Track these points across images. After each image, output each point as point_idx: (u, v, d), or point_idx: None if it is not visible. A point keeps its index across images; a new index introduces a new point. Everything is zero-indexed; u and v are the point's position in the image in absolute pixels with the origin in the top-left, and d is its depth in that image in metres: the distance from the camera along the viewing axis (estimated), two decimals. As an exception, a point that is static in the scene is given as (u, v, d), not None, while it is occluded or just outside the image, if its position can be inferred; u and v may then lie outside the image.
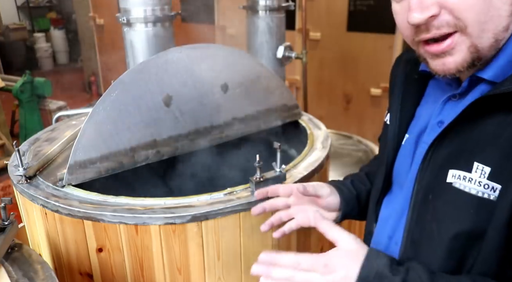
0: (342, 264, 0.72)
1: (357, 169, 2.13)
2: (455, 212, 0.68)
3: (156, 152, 1.27)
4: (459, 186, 0.67)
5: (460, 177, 0.67)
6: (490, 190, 0.64)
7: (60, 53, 8.26)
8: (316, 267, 0.73)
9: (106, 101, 1.16)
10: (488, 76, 0.67)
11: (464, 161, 0.67)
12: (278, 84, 1.52)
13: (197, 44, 1.30)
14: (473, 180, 0.65)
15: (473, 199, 0.66)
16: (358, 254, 0.72)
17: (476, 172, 0.65)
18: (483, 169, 0.64)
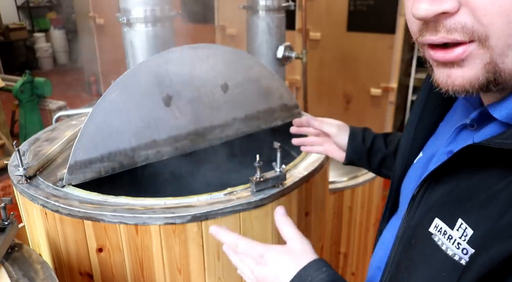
0: (279, 262, 0.70)
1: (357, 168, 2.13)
2: (427, 269, 0.58)
3: (156, 151, 1.27)
4: (438, 240, 0.56)
5: (441, 230, 0.55)
6: (465, 254, 0.52)
7: (60, 53, 8.26)
8: (252, 254, 0.73)
9: (106, 101, 1.16)
10: (500, 116, 0.53)
11: (450, 213, 0.55)
12: (278, 84, 1.52)
13: (197, 44, 1.30)
14: (452, 238, 0.53)
15: (447, 261, 0.54)
16: (300, 260, 0.69)
17: (458, 231, 0.53)
18: (465, 229, 0.52)
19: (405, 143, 0.79)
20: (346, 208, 2.08)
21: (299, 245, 0.72)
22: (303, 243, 0.72)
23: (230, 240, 0.77)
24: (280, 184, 1.15)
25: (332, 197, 2.01)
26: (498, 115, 0.53)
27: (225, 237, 0.78)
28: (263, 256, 0.72)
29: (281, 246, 0.73)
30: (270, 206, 1.12)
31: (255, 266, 0.73)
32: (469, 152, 0.52)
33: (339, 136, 1.11)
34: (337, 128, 1.12)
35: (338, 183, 2.03)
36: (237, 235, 0.77)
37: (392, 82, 3.28)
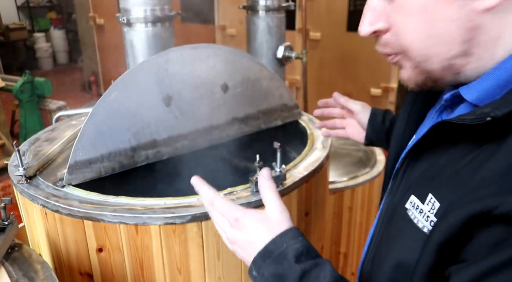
0: (254, 229, 0.69)
1: (357, 168, 2.13)
2: (402, 241, 0.62)
3: (156, 151, 1.27)
4: (411, 215, 0.61)
5: (415, 205, 0.61)
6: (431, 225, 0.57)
7: (60, 53, 8.27)
8: (227, 216, 0.72)
9: (106, 101, 1.16)
10: (470, 98, 0.59)
11: (423, 188, 0.60)
12: (278, 84, 1.52)
13: (197, 44, 1.30)
14: (423, 212, 0.59)
15: (417, 232, 0.59)
16: (275, 227, 0.69)
17: (427, 205, 0.58)
18: (434, 203, 0.57)
19: (398, 128, 0.83)
20: (346, 208, 2.08)
21: (277, 214, 0.71)
22: (282, 212, 0.71)
23: (207, 196, 0.75)
24: (280, 184, 1.15)
25: (332, 197, 2.01)
26: (468, 97, 0.59)
27: (204, 191, 0.77)
28: (238, 219, 0.71)
29: (258, 212, 0.72)
30: (270, 206, 1.12)
31: (229, 228, 0.73)
32: (440, 129, 0.58)
33: (362, 114, 1.18)
34: (361, 106, 1.19)
35: (338, 183, 2.03)
36: (215, 192, 0.76)
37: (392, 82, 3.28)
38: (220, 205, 0.74)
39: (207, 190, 0.77)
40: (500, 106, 0.50)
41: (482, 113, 0.51)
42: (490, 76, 0.56)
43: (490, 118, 0.50)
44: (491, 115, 0.50)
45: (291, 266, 0.64)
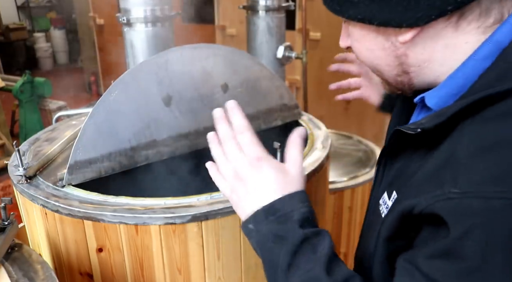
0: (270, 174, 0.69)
1: (357, 168, 2.13)
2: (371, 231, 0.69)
3: (156, 151, 1.27)
4: (381, 210, 0.67)
5: (384, 201, 0.67)
6: None
7: (60, 53, 8.26)
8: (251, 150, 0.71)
9: (106, 101, 1.16)
10: (430, 104, 0.66)
11: (393, 185, 0.66)
12: (278, 84, 1.52)
13: (197, 44, 1.30)
14: (389, 207, 0.65)
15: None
16: (290, 183, 0.70)
17: (391, 201, 0.65)
18: (396, 198, 0.64)
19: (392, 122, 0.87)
20: (346, 208, 2.08)
21: (297, 170, 0.72)
22: (301, 171, 0.73)
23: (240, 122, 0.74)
24: (280, 184, 1.15)
25: (332, 197, 2.01)
26: (429, 102, 0.66)
27: (237, 117, 0.75)
28: (261, 159, 0.70)
29: (281, 164, 0.72)
30: (270, 206, 1.12)
31: (246, 164, 0.70)
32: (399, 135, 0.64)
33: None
34: None
35: (338, 183, 2.03)
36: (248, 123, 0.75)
37: (392, 82, 3.28)
38: (250, 136, 0.73)
39: (241, 117, 0.75)
40: (432, 119, 0.58)
41: (418, 124, 0.59)
42: (444, 85, 0.64)
43: (420, 130, 0.58)
44: (421, 127, 0.58)
45: (294, 229, 0.64)
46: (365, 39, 0.67)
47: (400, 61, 0.66)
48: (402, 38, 0.62)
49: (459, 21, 0.59)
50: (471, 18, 0.59)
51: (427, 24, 0.59)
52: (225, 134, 0.75)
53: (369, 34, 0.66)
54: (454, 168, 0.53)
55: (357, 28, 0.68)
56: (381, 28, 0.63)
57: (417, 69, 0.66)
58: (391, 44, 0.64)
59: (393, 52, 0.65)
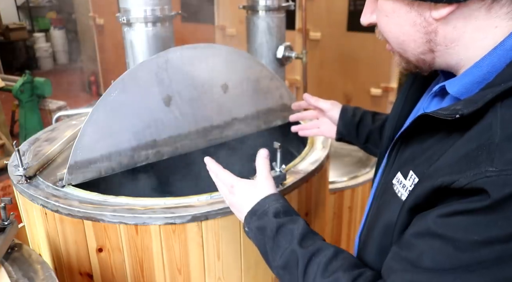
0: (245, 193, 0.88)
1: (357, 168, 2.13)
2: (387, 211, 0.72)
3: (156, 151, 1.27)
4: (396, 189, 0.71)
5: (399, 181, 0.71)
6: None
7: (60, 53, 8.25)
8: (226, 183, 0.91)
9: (106, 101, 1.16)
10: (452, 91, 0.68)
11: (407, 166, 0.70)
12: (278, 84, 1.52)
13: (197, 44, 1.30)
14: (405, 186, 0.69)
15: (398, 202, 0.69)
16: (261, 192, 0.86)
17: (409, 180, 0.68)
18: (414, 179, 0.67)
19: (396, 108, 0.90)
20: (346, 208, 2.08)
21: (265, 181, 0.88)
22: (268, 180, 0.89)
23: (214, 168, 0.94)
24: (280, 184, 1.15)
25: (332, 197, 2.01)
26: (451, 90, 0.68)
27: (212, 165, 0.94)
28: (233, 186, 0.89)
29: (249, 180, 0.90)
30: (270, 206, 1.12)
31: (227, 193, 0.91)
32: (422, 120, 0.67)
33: (333, 111, 1.24)
34: (331, 104, 1.26)
35: (338, 183, 2.03)
36: (220, 166, 0.94)
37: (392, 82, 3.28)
38: (222, 175, 0.92)
39: (214, 164, 0.94)
40: (468, 105, 0.60)
41: (454, 110, 0.61)
42: (468, 73, 0.66)
43: (458, 115, 0.60)
44: (459, 113, 0.60)
45: (270, 220, 0.81)
46: (395, 14, 0.68)
47: (428, 38, 0.67)
48: (437, 14, 0.63)
49: (493, 3, 0.61)
50: (504, 2, 0.61)
51: (464, 2, 0.61)
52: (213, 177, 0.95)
53: (401, 8, 0.67)
54: (490, 149, 0.56)
55: (389, 2, 0.68)
56: (416, 2, 0.64)
57: (443, 49, 0.67)
58: (424, 20, 0.65)
59: (424, 29, 0.66)
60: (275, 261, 0.79)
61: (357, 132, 1.20)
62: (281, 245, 0.78)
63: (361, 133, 1.20)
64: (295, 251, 0.75)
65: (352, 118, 1.20)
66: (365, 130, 1.19)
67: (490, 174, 0.54)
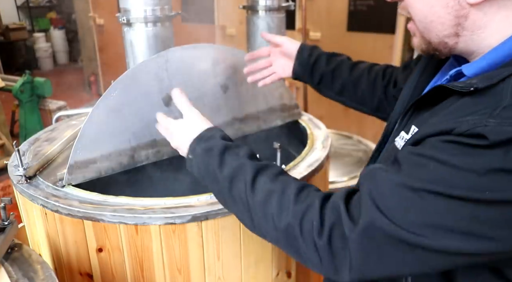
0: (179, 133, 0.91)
1: (357, 168, 2.13)
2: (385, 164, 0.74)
3: (156, 151, 1.27)
4: (396, 143, 0.76)
5: (401, 137, 0.76)
6: None
7: (60, 53, 8.26)
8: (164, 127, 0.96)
9: (106, 101, 1.16)
10: (468, 73, 0.71)
11: (410, 125, 0.74)
12: (278, 84, 1.52)
13: (197, 44, 1.30)
14: (405, 138, 0.74)
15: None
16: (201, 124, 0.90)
17: (410, 134, 0.73)
18: (414, 129, 0.72)
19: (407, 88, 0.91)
20: (346, 208, 2.07)
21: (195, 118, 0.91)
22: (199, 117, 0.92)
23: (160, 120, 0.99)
24: (280, 184, 1.15)
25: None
26: (467, 72, 0.71)
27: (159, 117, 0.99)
28: (167, 129, 0.95)
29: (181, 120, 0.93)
30: (270, 206, 1.12)
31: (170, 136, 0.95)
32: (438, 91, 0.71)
33: (288, 45, 1.24)
34: (287, 39, 1.27)
35: (338, 183, 2.03)
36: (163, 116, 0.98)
37: (392, 82, 3.27)
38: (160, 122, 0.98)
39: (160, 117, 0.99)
40: (484, 80, 0.63)
41: (469, 84, 0.64)
42: (485, 58, 0.69)
43: (473, 88, 0.63)
44: (474, 86, 0.63)
45: (218, 141, 0.84)
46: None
47: (457, 22, 0.68)
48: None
49: None
50: None
51: None
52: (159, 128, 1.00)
53: None
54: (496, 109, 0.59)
55: None
56: None
57: (468, 34, 0.69)
58: (457, 3, 0.67)
59: (455, 12, 0.67)
60: (222, 173, 0.79)
61: (311, 74, 1.22)
62: (228, 161, 0.80)
63: (315, 74, 1.22)
64: (244, 164, 0.78)
65: (308, 59, 1.21)
66: (319, 72, 1.21)
67: (489, 123, 0.57)
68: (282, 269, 1.25)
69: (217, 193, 0.83)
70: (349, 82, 1.20)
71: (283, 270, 1.25)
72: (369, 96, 1.18)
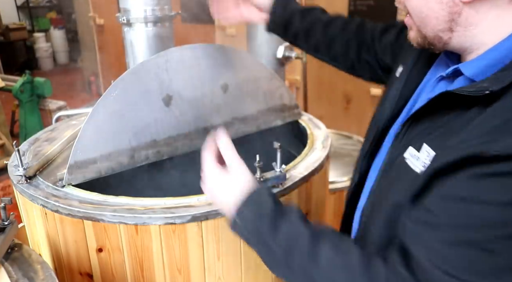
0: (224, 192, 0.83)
1: (357, 169, 2.13)
2: (399, 184, 0.74)
3: (156, 151, 1.27)
4: (409, 162, 0.74)
5: (412, 154, 0.74)
6: None
7: (60, 53, 8.25)
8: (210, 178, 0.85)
9: (106, 101, 1.16)
10: (468, 73, 0.72)
11: (419, 141, 0.73)
12: (278, 84, 1.52)
13: (197, 44, 1.30)
14: (419, 159, 0.72)
15: (412, 175, 0.72)
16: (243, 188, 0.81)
17: (423, 153, 0.71)
18: (428, 151, 0.70)
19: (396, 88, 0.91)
20: (346, 208, 2.07)
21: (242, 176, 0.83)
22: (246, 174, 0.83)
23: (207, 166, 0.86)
24: (280, 184, 1.15)
25: (332, 197, 2.01)
26: (467, 72, 0.72)
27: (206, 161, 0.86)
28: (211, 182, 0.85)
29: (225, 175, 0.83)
30: (270, 206, 1.12)
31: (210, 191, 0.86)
32: (442, 97, 0.70)
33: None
34: None
35: (338, 183, 2.03)
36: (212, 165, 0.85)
37: (392, 82, 3.28)
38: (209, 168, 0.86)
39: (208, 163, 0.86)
40: (496, 82, 0.63)
41: (481, 87, 0.63)
42: (485, 57, 0.70)
43: (488, 92, 0.62)
44: (489, 89, 0.62)
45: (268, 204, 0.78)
46: None
47: (451, 18, 0.70)
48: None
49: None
50: None
51: None
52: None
53: None
54: None
55: None
56: None
57: (462, 30, 0.71)
58: (451, 0, 0.69)
59: (449, 8, 0.69)
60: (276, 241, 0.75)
61: (285, 31, 1.22)
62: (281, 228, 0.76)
63: (288, 32, 1.22)
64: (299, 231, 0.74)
65: (282, 14, 1.20)
66: (292, 31, 1.21)
67: None
68: (282, 269, 1.25)
69: (269, 260, 0.80)
70: (323, 42, 1.20)
71: (283, 270, 1.25)
72: (343, 57, 1.19)
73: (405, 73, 0.90)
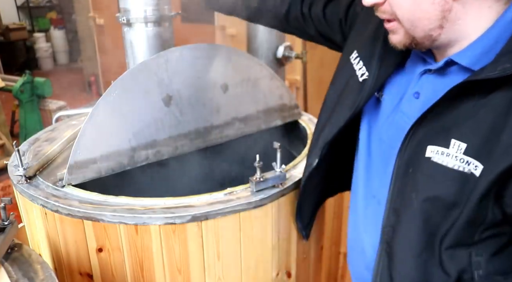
0: None
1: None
2: (432, 181, 0.77)
3: (156, 151, 1.27)
4: (437, 160, 0.76)
5: (438, 152, 0.76)
6: (465, 163, 0.73)
7: (60, 53, 8.25)
8: None
9: (106, 101, 1.16)
10: (464, 63, 0.76)
11: (442, 137, 0.75)
12: (278, 84, 1.52)
13: (197, 44, 1.30)
14: (450, 154, 0.74)
15: (449, 172, 0.74)
16: None
17: (453, 148, 0.74)
18: (459, 145, 0.73)
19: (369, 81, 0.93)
20: (346, 208, 2.07)
21: None
22: None
23: None
24: (280, 184, 1.15)
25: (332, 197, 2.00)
26: (463, 62, 0.76)
27: None
28: None
29: None
30: (270, 206, 1.12)
31: None
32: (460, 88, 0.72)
33: None
34: None
35: (338, 183, 2.02)
36: None
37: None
38: None
39: None
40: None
41: (503, 69, 0.67)
42: (477, 45, 0.75)
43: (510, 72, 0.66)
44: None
45: None
46: None
47: (443, 15, 0.74)
48: None
49: None
50: None
51: None
52: None
53: None
54: None
55: None
56: None
57: (450, 25, 0.75)
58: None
59: (441, 7, 0.73)
60: None
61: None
62: None
63: None
64: None
65: None
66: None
67: None
68: (282, 269, 1.25)
69: None
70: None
71: (283, 270, 1.25)
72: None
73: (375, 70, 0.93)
